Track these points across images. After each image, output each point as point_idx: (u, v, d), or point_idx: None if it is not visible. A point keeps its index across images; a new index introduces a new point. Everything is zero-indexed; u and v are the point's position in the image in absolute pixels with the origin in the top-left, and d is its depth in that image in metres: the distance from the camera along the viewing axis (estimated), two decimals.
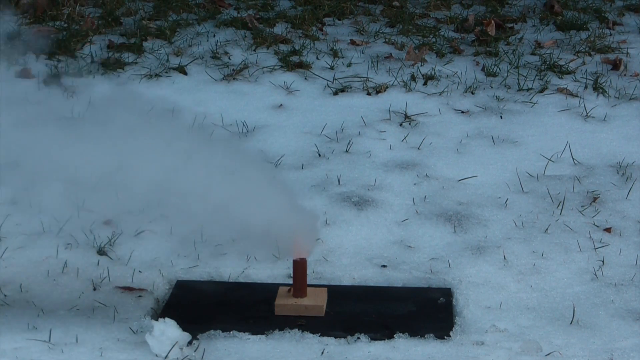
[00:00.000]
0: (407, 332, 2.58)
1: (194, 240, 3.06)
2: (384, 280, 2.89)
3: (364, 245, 3.08)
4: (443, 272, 2.91)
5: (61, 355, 2.44)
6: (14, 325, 2.56)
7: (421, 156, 3.74)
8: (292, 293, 2.70)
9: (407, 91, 4.41)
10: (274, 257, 2.95)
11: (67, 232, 3.09)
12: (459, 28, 5.43)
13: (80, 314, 2.65)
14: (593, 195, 3.41)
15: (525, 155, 3.75)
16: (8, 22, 5.28)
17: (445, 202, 3.36)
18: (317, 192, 3.39)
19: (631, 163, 3.67)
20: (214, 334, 2.58)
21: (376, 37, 5.23)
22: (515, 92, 4.42)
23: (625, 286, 2.85)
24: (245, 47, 4.99)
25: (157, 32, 5.19)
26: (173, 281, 2.87)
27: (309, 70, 4.66)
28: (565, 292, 2.81)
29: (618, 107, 4.25)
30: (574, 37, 5.24)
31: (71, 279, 2.85)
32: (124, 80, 4.52)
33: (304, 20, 5.44)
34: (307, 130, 3.99)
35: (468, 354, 2.50)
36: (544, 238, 3.12)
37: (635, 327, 2.64)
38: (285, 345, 2.53)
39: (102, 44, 4.99)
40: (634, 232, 3.17)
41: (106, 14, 5.54)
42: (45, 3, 5.57)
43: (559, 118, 4.14)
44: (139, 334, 2.53)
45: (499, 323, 2.63)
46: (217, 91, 4.43)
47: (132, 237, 3.08)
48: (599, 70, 4.68)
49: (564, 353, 2.51)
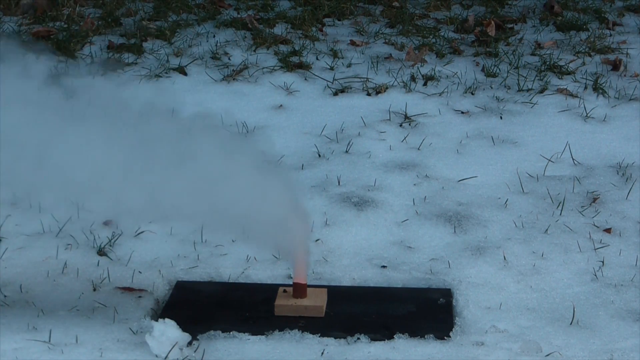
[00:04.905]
0: (407, 333, 2.58)
1: (194, 241, 3.06)
2: (384, 280, 2.89)
3: (364, 245, 3.08)
4: (443, 273, 2.91)
5: (61, 356, 2.44)
6: (14, 326, 2.56)
7: (421, 157, 3.74)
8: (292, 293, 2.70)
9: (407, 92, 4.41)
10: (274, 258, 2.96)
11: (67, 233, 3.09)
12: (458, 29, 5.43)
13: (80, 315, 2.65)
14: (593, 196, 3.41)
15: (525, 156, 3.75)
16: (8, 23, 5.29)
17: (445, 203, 3.36)
18: (317, 193, 3.39)
19: (631, 163, 3.67)
20: (213, 334, 2.58)
21: (376, 37, 5.23)
22: (515, 93, 4.42)
23: (625, 287, 2.85)
24: (245, 47, 4.99)
25: (157, 32, 5.19)
26: (173, 281, 2.87)
27: (309, 70, 4.66)
28: (565, 292, 2.81)
29: (618, 107, 4.25)
30: (573, 38, 5.24)
31: (71, 279, 2.85)
32: (124, 81, 4.52)
33: (303, 20, 5.44)
34: (307, 131, 3.99)
35: (468, 355, 2.50)
36: (544, 238, 3.12)
37: (635, 327, 2.64)
38: (285, 346, 2.53)
39: (102, 45, 4.99)
40: (634, 233, 3.17)
41: (106, 14, 5.54)
42: (45, 3, 5.57)
43: (559, 118, 4.14)
44: (139, 335, 2.53)
45: (498, 323, 2.63)
46: (217, 92, 4.43)
47: (132, 238, 3.08)
48: (599, 71, 4.68)
49: (563, 354, 2.51)
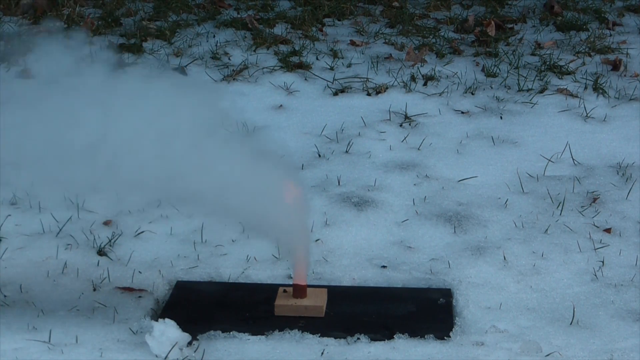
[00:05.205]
0: (407, 333, 2.58)
1: (194, 241, 3.06)
2: (384, 280, 2.89)
3: (364, 245, 3.08)
4: (443, 273, 2.91)
5: (61, 356, 2.44)
6: (14, 326, 2.56)
7: (421, 157, 3.74)
8: (292, 293, 2.70)
9: (407, 92, 4.41)
10: (274, 258, 2.96)
11: (67, 233, 3.09)
12: (458, 29, 5.43)
13: (80, 315, 2.65)
14: (593, 196, 3.41)
15: (525, 156, 3.75)
16: (8, 23, 5.29)
17: (445, 203, 3.35)
18: (317, 193, 3.39)
19: (631, 163, 3.67)
20: (213, 334, 2.58)
21: (376, 37, 5.23)
22: (515, 93, 4.42)
23: (625, 287, 2.85)
24: (245, 47, 4.99)
25: (157, 32, 5.19)
26: (173, 281, 2.87)
27: (309, 70, 4.66)
28: (565, 292, 2.81)
29: (618, 107, 4.25)
30: (573, 38, 5.24)
31: (71, 279, 2.85)
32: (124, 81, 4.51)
33: (303, 20, 5.44)
34: (307, 131, 3.99)
35: (468, 355, 2.50)
36: (543, 238, 3.12)
37: (635, 327, 2.64)
38: (285, 346, 2.53)
39: (102, 45, 4.99)
40: (634, 233, 3.17)
41: (106, 14, 5.54)
42: (45, 3, 5.57)
43: (559, 118, 4.14)
44: (139, 335, 2.53)
45: (498, 323, 2.63)
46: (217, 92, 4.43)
47: (132, 238, 3.08)
48: (599, 71, 4.68)
49: (563, 354, 2.51)
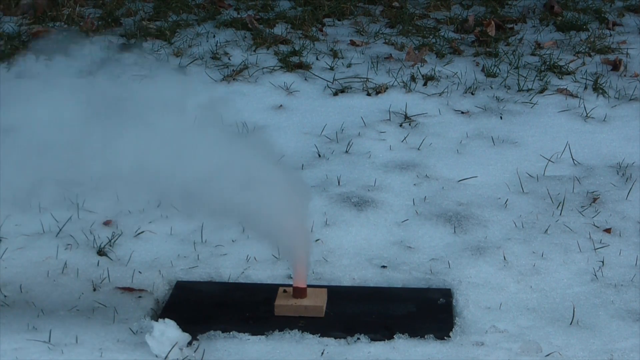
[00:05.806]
0: (407, 333, 2.58)
1: (194, 241, 3.06)
2: (384, 280, 2.89)
3: (364, 245, 3.08)
4: (443, 273, 2.91)
5: (61, 356, 2.44)
6: (14, 326, 2.56)
7: (421, 157, 3.74)
8: (292, 294, 2.70)
9: (407, 92, 4.41)
10: (273, 258, 2.96)
11: (67, 233, 3.09)
12: (458, 29, 5.43)
13: (80, 315, 2.65)
14: (593, 196, 3.41)
15: (525, 156, 3.75)
16: (8, 23, 5.29)
17: (445, 203, 3.35)
18: (317, 193, 3.39)
19: (631, 163, 3.67)
20: (213, 334, 2.58)
21: (376, 37, 5.23)
22: (515, 93, 4.42)
23: (625, 287, 2.85)
24: (245, 47, 4.99)
25: (157, 32, 5.19)
26: (173, 282, 2.87)
27: (309, 70, 4.66)
28: (565, 292, 2.81)
29: (618, 107, 4.25)
30: (573, 38, 5.24)
31: (71, 279, 2.85)
32: (124, 81, 4.51)
33: (303, 20, 5.44)
34: (307, 131, 3.99)
35: (468, 355, 2.50)
36: (543, 239, 3.12)
37: (635, 327, 2.64)
38: (285, 346, 2.53)
39: (102, 45, 4.99)
40: (634, 233, 3.17)
41: (106, 14, 5.54)
42: (45, 3, 5.57)
43: (559, 118, 4.14)
44: (139, 335, 2.53)
45: (498, 324, 2.63)
46: (217, 92, 4.43)
47: (132, 238, 3.08)
48: (599, 71, 4.68)
49: (563, 354, 2.51)
